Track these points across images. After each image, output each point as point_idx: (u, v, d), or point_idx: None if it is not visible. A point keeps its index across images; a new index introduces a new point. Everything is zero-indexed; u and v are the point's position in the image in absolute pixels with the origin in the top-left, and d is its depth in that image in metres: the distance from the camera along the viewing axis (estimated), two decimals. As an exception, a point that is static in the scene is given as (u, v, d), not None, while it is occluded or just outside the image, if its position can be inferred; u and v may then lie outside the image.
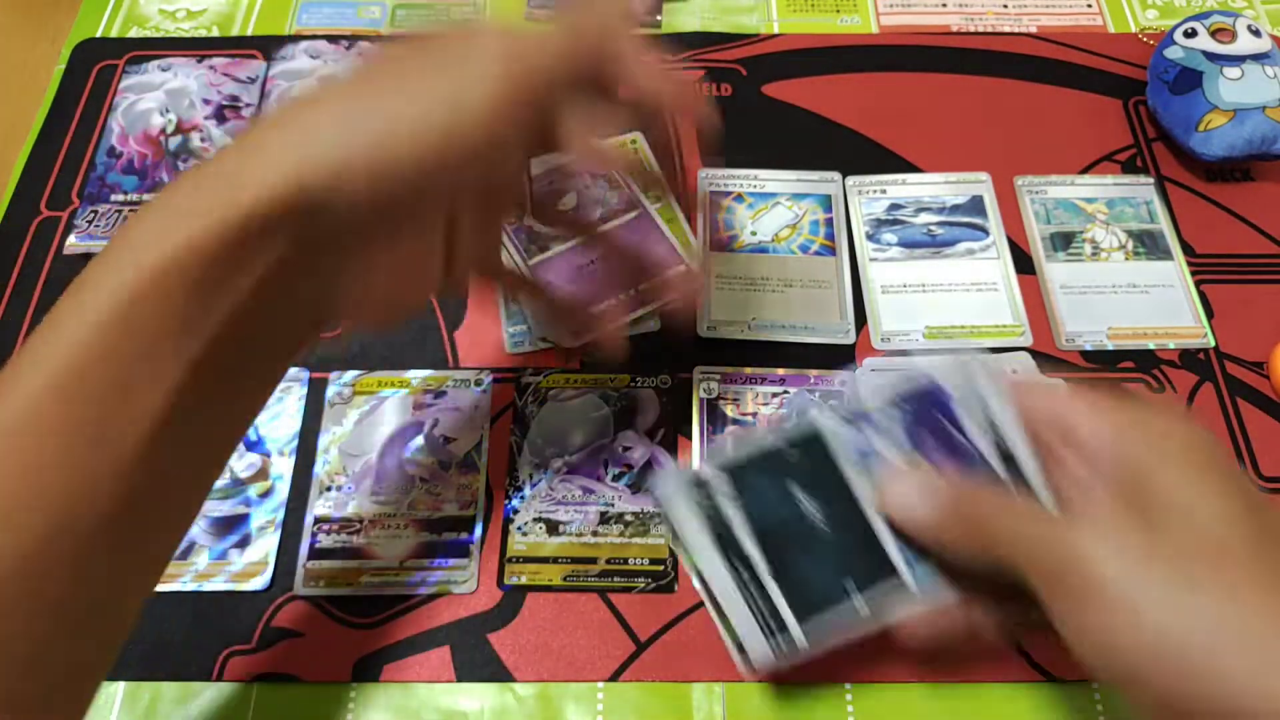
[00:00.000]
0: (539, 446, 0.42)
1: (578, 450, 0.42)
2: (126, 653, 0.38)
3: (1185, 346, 0.45)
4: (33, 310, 0.46)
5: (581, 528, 0.40)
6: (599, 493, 0.41)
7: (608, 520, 0.40)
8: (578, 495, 0.40)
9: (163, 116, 0.50)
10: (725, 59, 0.55)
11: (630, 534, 0.40)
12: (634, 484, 0.41)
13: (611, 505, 0.40)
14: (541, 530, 0.40)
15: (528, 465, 0.41)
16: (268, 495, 0.41)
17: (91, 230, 0.46)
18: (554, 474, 0.41)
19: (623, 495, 0.40)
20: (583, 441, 0.42)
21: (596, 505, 0.40)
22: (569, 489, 0.41)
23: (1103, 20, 0.57)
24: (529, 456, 0.42)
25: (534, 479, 0.41)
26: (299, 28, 0.56)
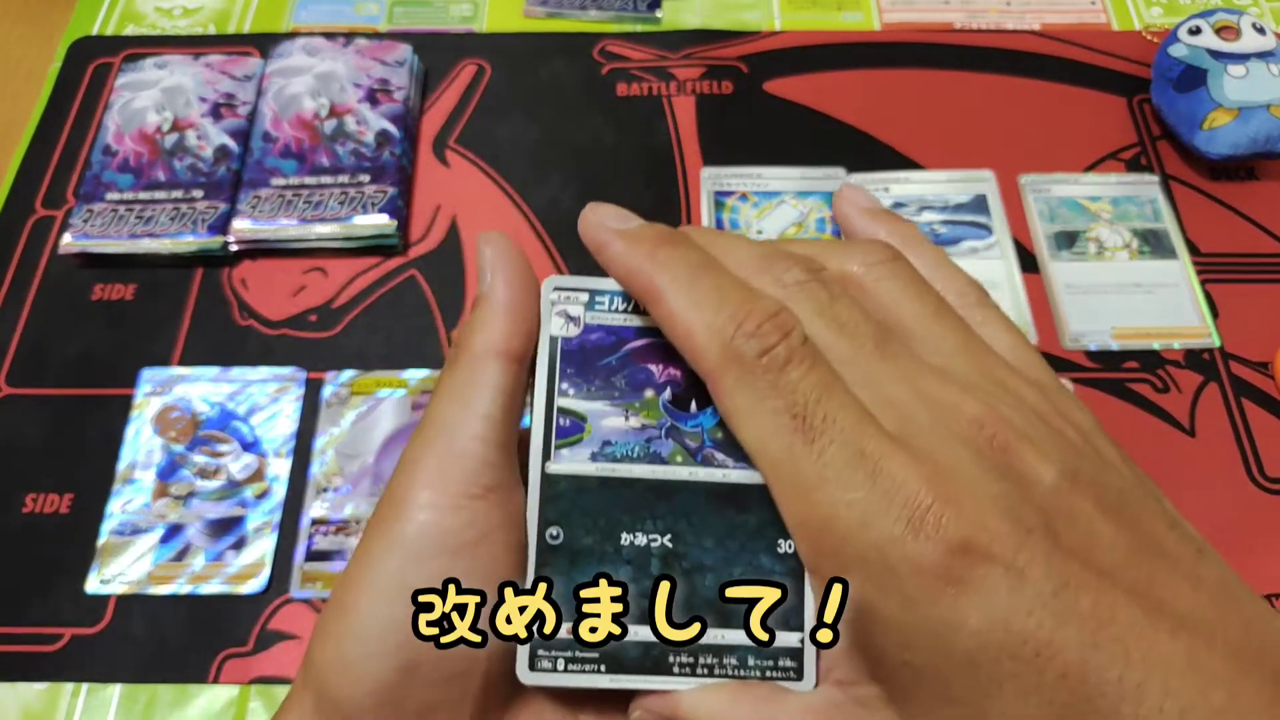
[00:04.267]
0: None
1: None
2: (123, 655, 0.38)
3: (1190, 346, 0.44)
4: (28, 309, 0.46)
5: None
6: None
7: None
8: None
9: (159, 114, 0.50)
10: (727, 56, 0.54)
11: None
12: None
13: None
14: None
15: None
16: (264, 497, 0.41)
17: (87, 229, 0.46)
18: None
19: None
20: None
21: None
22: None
23: (1107, 18, 0.56)
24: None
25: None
26: (296, 25, 0.56)
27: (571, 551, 0.22)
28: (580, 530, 0.22)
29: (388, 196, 0.47)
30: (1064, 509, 0.18)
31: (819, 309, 0.20)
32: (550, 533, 0.22)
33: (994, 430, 0.18)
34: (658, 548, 0.22)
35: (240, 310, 0.46)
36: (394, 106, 0.50)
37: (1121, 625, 0.16)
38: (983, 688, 0.16)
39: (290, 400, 0.43)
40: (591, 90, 0.53)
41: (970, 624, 0.16)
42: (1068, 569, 0.17)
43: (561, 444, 0.23)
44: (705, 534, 0.22)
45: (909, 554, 0.17)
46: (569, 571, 0.22)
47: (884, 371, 0.19)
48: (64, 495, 0.41)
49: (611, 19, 0.56)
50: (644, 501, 0.22)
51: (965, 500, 0.17)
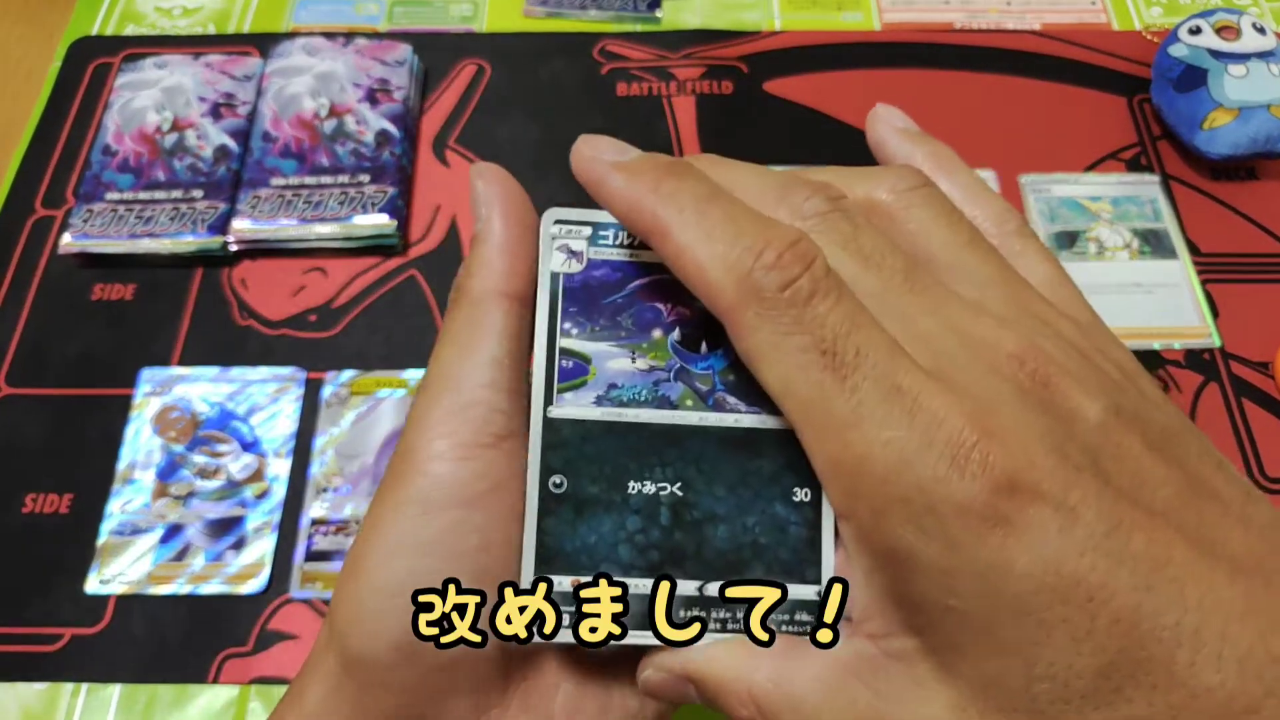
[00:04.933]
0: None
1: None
2: (123, 655, 0.38)
3: (1190, 346, 0.44)
4: (28, 309, 0.46)
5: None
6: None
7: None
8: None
9: (158, 114, 0.50)
10: (727, 56, 0.54)
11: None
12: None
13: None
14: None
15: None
16: (264, 497, 0.41)
17: (87, 229, 0.46)
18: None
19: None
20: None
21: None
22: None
23: (1107, 17, 0.56)
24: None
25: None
26: (295, 24, 0.56)
27: (576, 501, 0.21)
28: (585, 478, 0.21)
29: (388, 196, 0.47)
30: (1111, 446, 0.17)
31: (843, 240, 0.19)
32: (553, 481, 0.21)
33: (1035, 365, 0.17)
34: (667, 496, 0.21)
35: (240, 310, 0.46)
36: (394, 106, 0.50)
37: (1177, 567, 0.15)
38: (1031, 634, 0.15)
39: (290, 400, 0.43)
40: (591, 90, 0.53)
41: (1019, 566, 0.15)
42: (1119, 508, 0.16)
43: (564, 387, 0.21)
44: (717, 482, 0.21)
45: (953, 494, 0.16)
46: (574, 522, 0.21)
47: (915, 305, 0.18)
48: (64, 495, 0.41)
49: (611, 19, 0.56)
50: (652, 448, 0.21)
51: (1010, 437, 0.16)
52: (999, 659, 0.16)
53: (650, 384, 0.21)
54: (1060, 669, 0.15)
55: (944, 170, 0.22)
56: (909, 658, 0.17)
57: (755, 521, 0.21)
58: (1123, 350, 0.19)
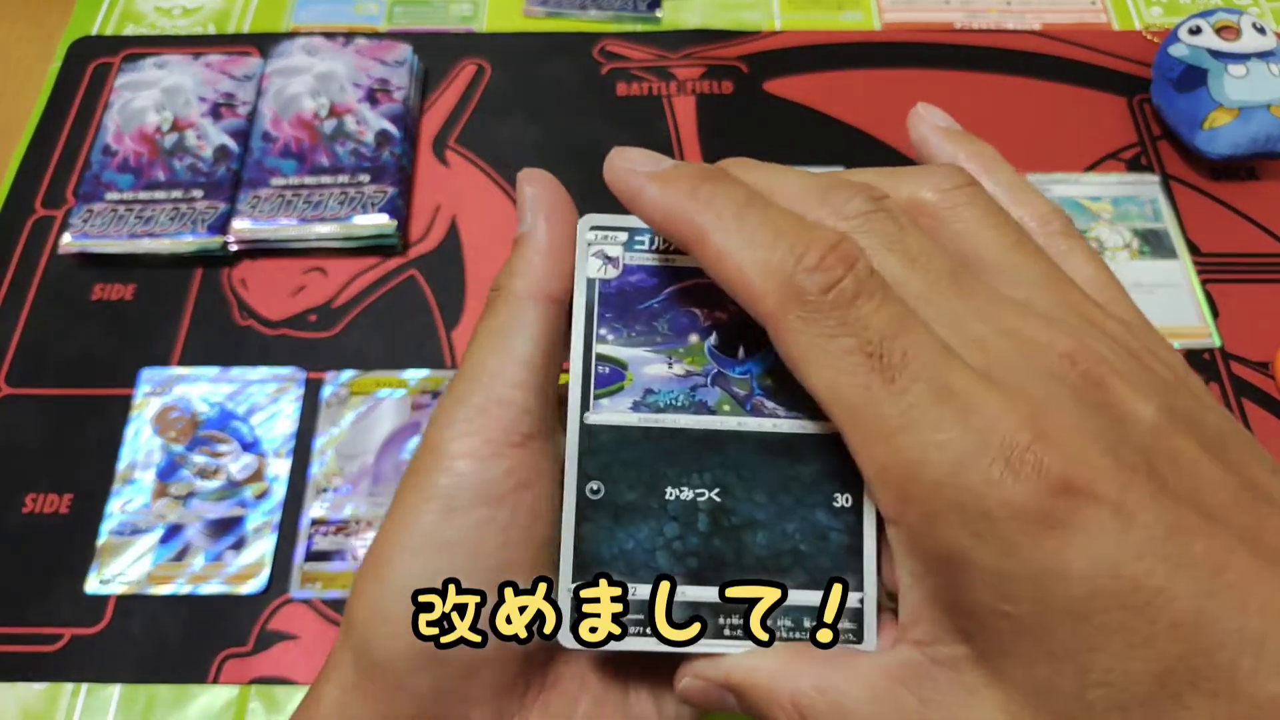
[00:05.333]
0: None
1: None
2: (122, 655, 0.38)
3: (1190, 346, 0.44)
4: (28, 309, 0.46)
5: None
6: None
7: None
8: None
9: (158, 114, 0.50)
10: (726, 56, 0.54)
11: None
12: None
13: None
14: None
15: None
16: (264, 497, 0.41)
17: (87, 229, 0.46)
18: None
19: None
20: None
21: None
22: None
23: (1107, 17, 0.56)
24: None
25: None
26: (295, 24, 0.56)
27: (614, 507, 0.21)
28: (623, 484, 0.21)
29: (387, 196, 0.47)
30: (1166, 449, 0.16)
31: (887, 242, 0.18)
32: (590, 487, 0.21)
33: (1087, 365, 0.17)
34: (705, 502, 0.21)
35: (240, 310, 0.46)
36: (394, 106, 0.50)
37: (1237, 573, 0.15)
38: (1088, 640, 0.15)
39: (290, 400, 0.43)
40: (591, 90, 0.53)
41: (1075, 569, 0.15)
42: (1177, 511, 0.15)
43: (601, 393, 0.21)
44: (756, 488, 0.21)
45: (1008, 496, 0.15)
46: (612, 528, 0.21)
47: (963, 307, 0.18)
48: (64, 495, 0.41)
49: (611, 19, 0.56)
50: (690, 453, 0.21)
51: (1065, 438, 0.15)
52: (1053, 665, 0.15)
53: (687, 389, 0.21)
54: (1117, 675, 0.15)
55: (987, 170, 0.22)
56: (958, 664, 0.17)
57: (795, 528, 0.21)
58: (1171, 351, 0.19)
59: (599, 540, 0.21)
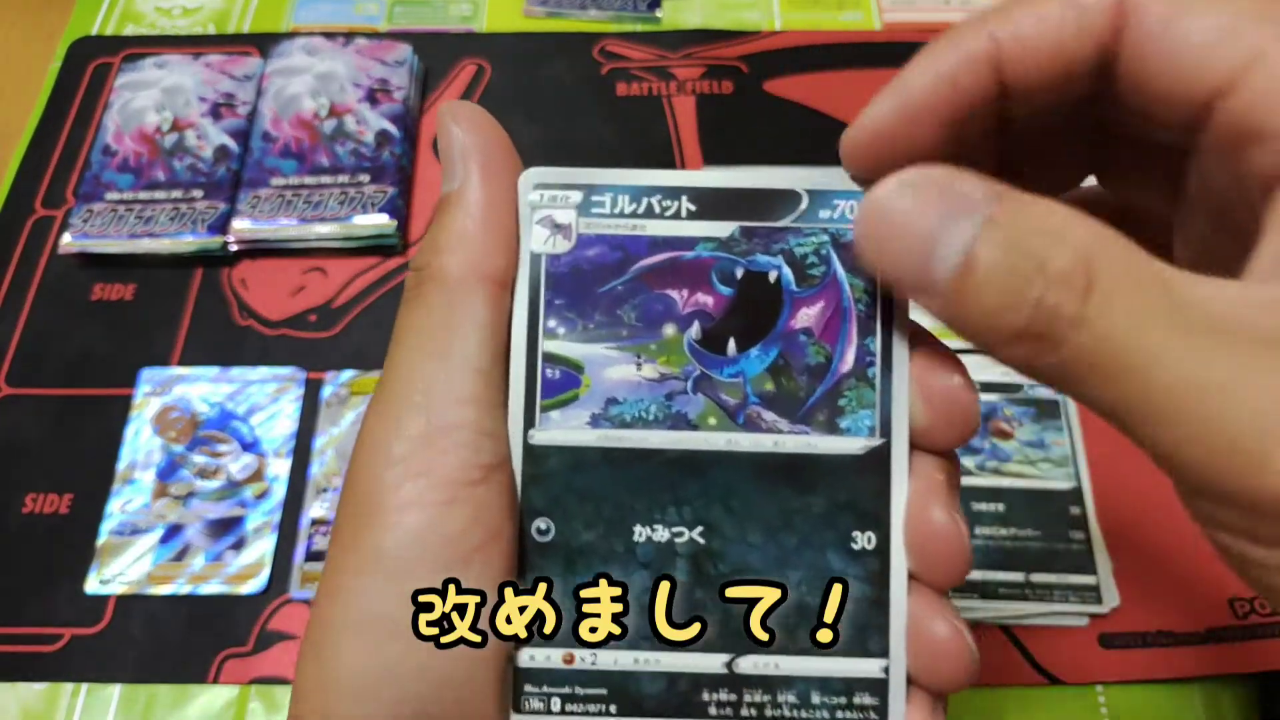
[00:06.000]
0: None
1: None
2: (122, 655, 0.38)
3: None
4: (28, 309, 0.46)
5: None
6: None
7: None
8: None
9: (158, 114, 0.50)
10: (726, 56, 0.54)
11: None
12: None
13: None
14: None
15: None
16: (264, 497, 0.41)
17: (87, 229, 0.46)
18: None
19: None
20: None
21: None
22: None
23: (1107, 16, 0.56)
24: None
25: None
26: (295, 24, 0.56)
27: (567, 551, 0.17)
28: (578, 522, 0.17)
29: (387, 196, 0.47)
30: None
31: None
32: (538, 526, 0.17)
33: None
34: (684, 545, 0.16)
35: (240, 310, 0.46)
36: (394, 106, 0.50)
37: None
38: None
39: (290, 400, 0.43)
40: (592, 90, 0.53)
41: None
42: None
43: (550, 404, 0.17)
44: (750, 525, 0.16)
45: None
46: (565, 578, 0.17)
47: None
48: (64, 495, 0.41)
49: (611, 19, 0.56)
50: (664, 482, 0.16)
51: None
52: None
53: (661, 398, 0.17)
54: None
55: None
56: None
57: (801, 578, 0.16)
58: None
59: (548, 594, 0.17)
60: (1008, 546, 0.38)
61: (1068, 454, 0.41)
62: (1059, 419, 0.42)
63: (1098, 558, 0.38)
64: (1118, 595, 0.38)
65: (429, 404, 0.16)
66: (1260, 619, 0.37)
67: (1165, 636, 0.37)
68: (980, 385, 0.42)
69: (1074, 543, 0.39)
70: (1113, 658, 0.37)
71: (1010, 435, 0.41)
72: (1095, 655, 0.37)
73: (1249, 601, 0.38)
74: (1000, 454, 0.41)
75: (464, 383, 0.16)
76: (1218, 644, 0.37)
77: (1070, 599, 0.37)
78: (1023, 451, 0.41)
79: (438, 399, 0.16)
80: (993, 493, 0.40)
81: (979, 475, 0.40)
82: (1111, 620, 0.38)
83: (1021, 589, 0.38)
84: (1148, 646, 0.37)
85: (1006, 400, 0.42)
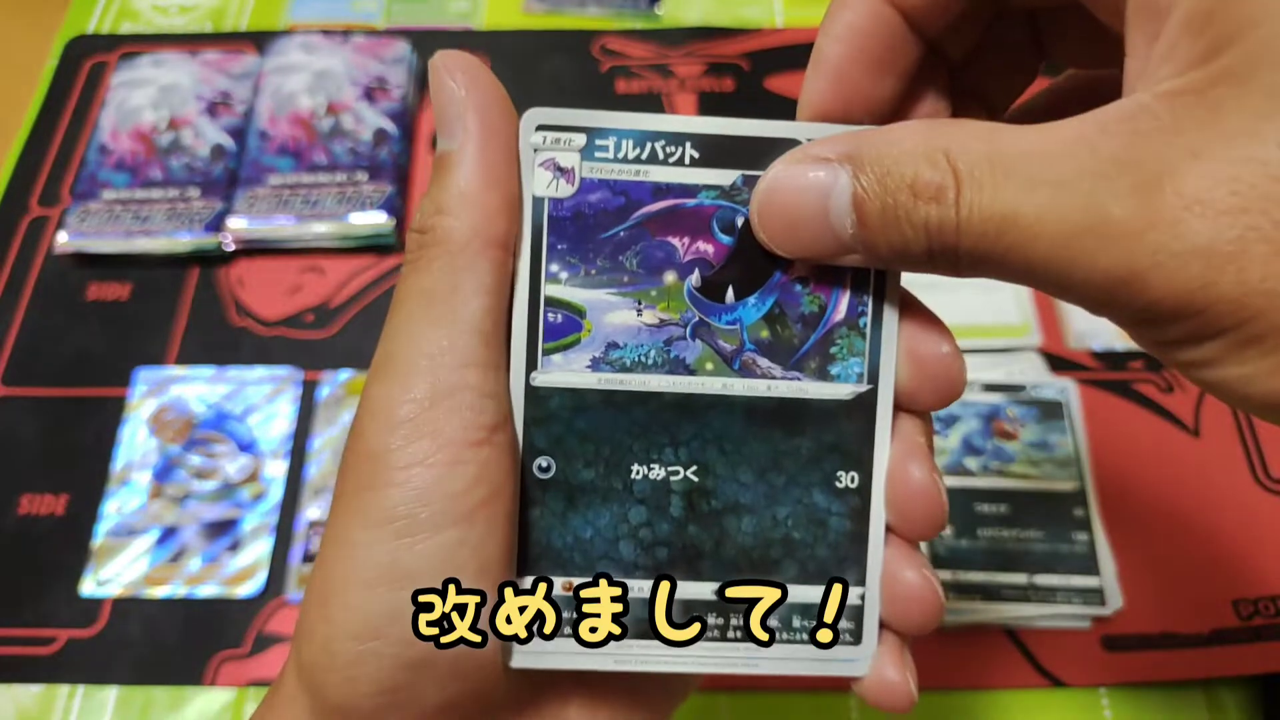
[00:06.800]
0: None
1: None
2: (119, 657, 0.37)
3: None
4: (23, 309, 0.46)
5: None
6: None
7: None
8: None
9: (155, 113, 0.50)
10: (728, 53, 0.54)
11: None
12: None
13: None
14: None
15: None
16: (260, 498, 0.40)
17: (82, 228, 0.46)
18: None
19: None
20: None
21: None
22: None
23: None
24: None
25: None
26: (293, 21, 0.55)
27: (568, 488, 0.17)
28: (578, 461, 0.17)
29: (385, 195, 0.47)
30: None
31: None
32: (539, 464, 0.17)
33: None
34: (680, 483, 0.17)
35: (236, 310, 0.46)
36: (391, 104, 0.49)
37: None
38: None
39: (286, 401, 0.43)
40: (591, 87, 0.52)
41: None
42: None
43: (552, 347, 0.17)
44: (742, 465, 0.17)
45: None
46: (564, 514, 0.17)
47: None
48: (59, 496, 0.41)
49: (611, 15, 0.55)
50: (662, 423, 0.17)
51: None
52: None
53: (660, 343, 0.17)
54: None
55: None
56: (1202, 87, 0.14)
57: (788, 513, 0.18)
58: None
59: (549, 528, 0.17)
60: (1011, 548, 0.38)
61: (1071, 455, 0.40)
62: (1062, 420, 0.41)
63: (1101, 560, 0.38)
64: (1121, 597, 0.37)
65: (434, 368, 0.16)
66: (1264, 621, 0.37)
67: (1169, 639, 0.37)
68: (985, 386, 0.42)
69: (1077, 544, 0.38)
70: (1116, 660, 0.37)
71: (1014, 437, 0.41)
72: (1099, 657, 0.37)
73: (1253, 603, 0.38)
74: (1004, 455, 0.40)
75: (468, 347, 0.17)
76: (1221, 646, 0.37)
77: (1074, 601, 0.37)
78: (1026, 453, 0.40)
79: (443, 363, 0.16)
80: (996, 494, 0.39)
81: (982, 476, 0.40)
82: (1115, 622, 0.37)
83: (1025, 591, 0.37)
84: (1151, 649, 0.37)
85: (1010, 401, 0.42)
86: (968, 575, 0.38)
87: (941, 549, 0.38)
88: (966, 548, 0.38)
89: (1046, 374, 0.43)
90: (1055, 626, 0.37)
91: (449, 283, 0.17)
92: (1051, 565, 0.38)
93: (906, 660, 0.19)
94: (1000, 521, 0.39)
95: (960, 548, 0.38)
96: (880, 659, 0.19)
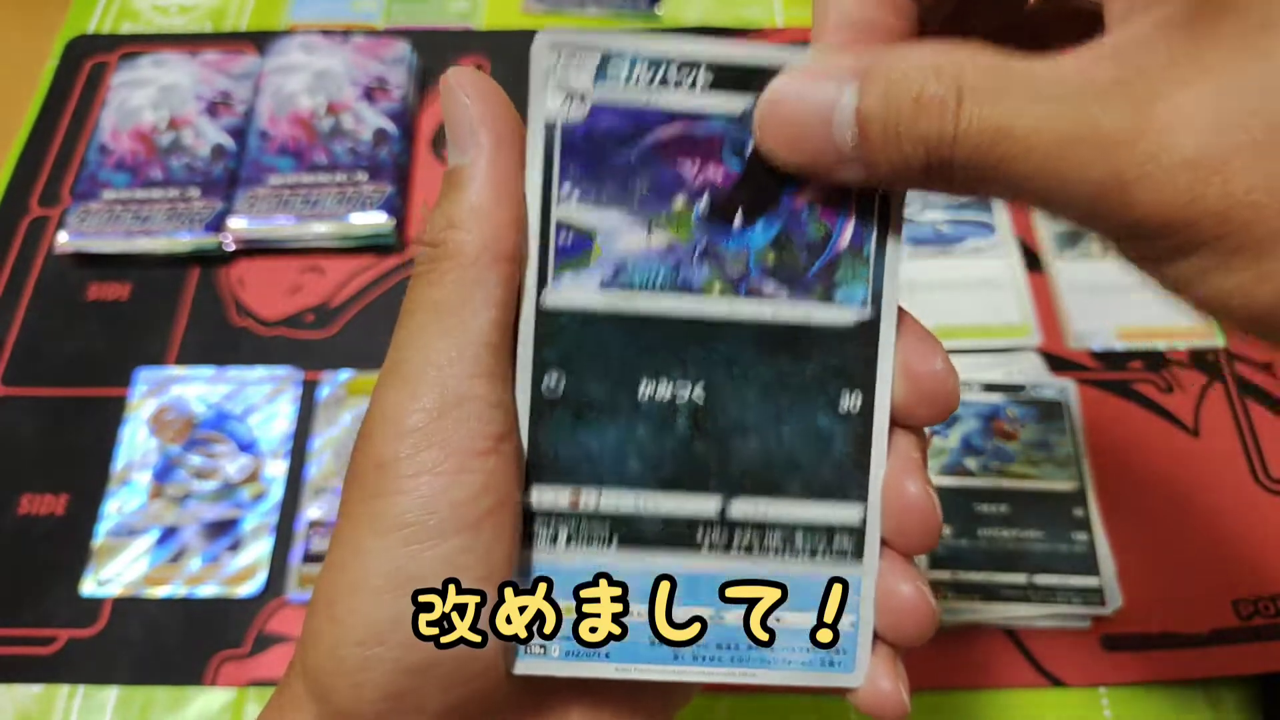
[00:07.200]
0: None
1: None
2: (119, 657, 0.37)
3: (1195, 346, 0.44)
4: (24, 309, 0.46)
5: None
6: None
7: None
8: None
9: (155, 113, 0.50)
10: (726, 54, 0.54)
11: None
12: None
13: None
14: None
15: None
16: (261, 498, 0.40)
17: (83, 228, 0.46)
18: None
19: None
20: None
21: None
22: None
23: (1109, 14, 0.56)
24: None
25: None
26: (293, 22, 0.55)
27: (577, 405, 0.18)
28: (587, 379, 0.18)
29: (385, 195, 0.47)
30: None
31: None
32: (548, 382, 0.18)
33: None
34: (685, 403, 0.18)
35: (237, 310, 0.46)
36: (392, 104, 0.50)
37: None
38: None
39: (287, 401, 0.43)
40: (591, 88, 0.52)
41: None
42: None
43: (563, 267, 0.18)
44: (747, 386, 0.18)
45: None
46: (574, 429, 0.18)
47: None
48: (60, 496, 0.41)
49: (611, 15, 0.55)
50: (669, 343, 0.18)
51: None
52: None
53: (669, 265, 0.18)
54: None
55: None
56: (1161, 31, 0.15)
57: (790, 433, 0.18)
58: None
59: (557, 442, 0.18)
60: (1010, 548, 0.38)
61: (1071, 455, 0.40)
62: (1062, 420, 0.41)
63: (1101, 559, 0.38)
64: (1121, 597, 0.37)
65: (443, 378, 0.17)
66: (1264, 620, 0.37)
67: (1168, 638, 0.37)
68: (984, 385, 0.42)
69: (1077, 544, 0.38)
70: (1116, 660, 0.37)
71: (1014, 436, 0.41)
72: (1098, 657, 0.37)
73: (1253, 603, 0.38)
74: (1003, 455, 0.40)
75: (476, 358, 0.17)
76: (1221, 645, 0.37)
77: (1073, 601, 0.37)
78: (1026, 453, 0.40)
79: (451, 373, 0.17)
80: (996, 494, 0.39)
81: (982, 476, 0.40)
82: (1115, 622, 0.37)
83: (1024, 591, 0.37)
84: (1151, 648, 0.37)
85: (1010, 401, 0.42)
86: (967, 575, 0.38)
87: (941, 549, 0.38)
88: (966, 547, 0.38)
89: (1046, 374, 0.43)
90: (1055, 626, 0.37)
91: (460, 295, 0.17)
92: (1051, 565, 0.38)
93: (899, 670, 0.20)
94: (1000, 521, 0.39)
95: (960, 547, 0.38)
96: (874, 669, 0.19)
